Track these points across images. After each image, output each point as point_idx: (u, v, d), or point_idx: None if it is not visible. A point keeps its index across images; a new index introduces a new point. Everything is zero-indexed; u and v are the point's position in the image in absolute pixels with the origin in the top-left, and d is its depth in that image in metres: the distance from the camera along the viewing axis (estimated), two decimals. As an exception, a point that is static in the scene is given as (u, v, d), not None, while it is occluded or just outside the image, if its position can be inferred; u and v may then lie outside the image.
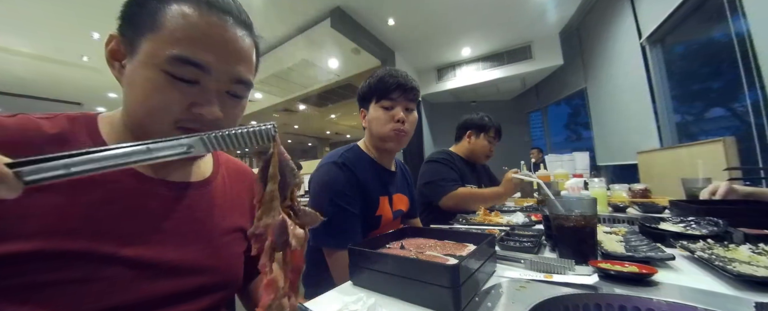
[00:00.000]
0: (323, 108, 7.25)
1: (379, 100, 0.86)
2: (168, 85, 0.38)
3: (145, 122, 0.40)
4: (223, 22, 0.40)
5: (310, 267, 0.86)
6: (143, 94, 0.39)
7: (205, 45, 0.39)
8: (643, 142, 2.96)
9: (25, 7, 3.11)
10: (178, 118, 0.40)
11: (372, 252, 0.49)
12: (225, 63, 0.41)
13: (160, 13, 0.38)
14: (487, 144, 1.52)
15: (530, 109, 6.22)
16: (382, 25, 4.02)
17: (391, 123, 0.85)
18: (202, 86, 0.40)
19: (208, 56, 0.39)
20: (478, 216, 1.11)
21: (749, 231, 0.62)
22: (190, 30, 0.38)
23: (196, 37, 0.38)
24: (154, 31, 0.38)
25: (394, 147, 0.89)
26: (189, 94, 0.40)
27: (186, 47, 0.38)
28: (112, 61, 0.41)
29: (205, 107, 0.40)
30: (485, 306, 0.41)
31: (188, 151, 0.26)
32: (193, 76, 0.39)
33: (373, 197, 0.84)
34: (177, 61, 0.38)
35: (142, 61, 0.38)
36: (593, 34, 3.91)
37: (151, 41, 0.38)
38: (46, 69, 4.44)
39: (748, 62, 1.82)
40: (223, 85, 0.42)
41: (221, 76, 0.41)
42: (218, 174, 0.56)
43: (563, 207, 0.62)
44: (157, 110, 0.39)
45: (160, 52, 0.37)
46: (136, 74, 0.39)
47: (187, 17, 0.38)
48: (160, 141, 0.25)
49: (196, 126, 0.41)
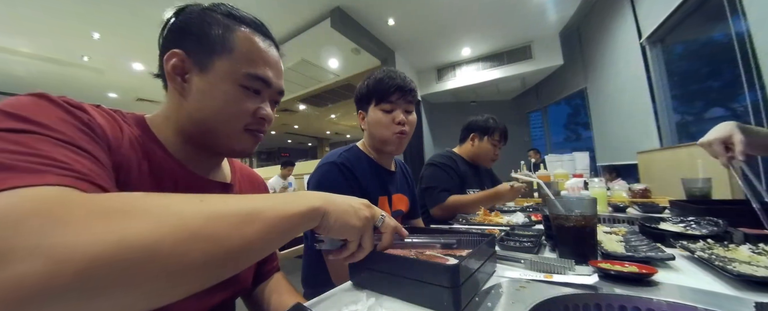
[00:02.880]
0: (323, 108, 7.25)
1: (379, 103, 0.85)
2: (243, 96, 0.47)
3: (219, 127, 0.48)
4: (271, 46, 0.51)
5: (310, 268, 0.86)
6: (223, 103, 0.46)
7: (266, 64, 0.49)
8: (643, 142, 2.96)
9: (25, 7, 3.11)
10: (248, 122, 0.49)
11: (372, 252, 0.49)
12: (277, 78, 0.51)
13: (231, 37, 0.46)
14: (492, 148, 1.46)
15: (530, 109, 6.23)
16: (382, 25, 4.02)
17: (391, 126, 0.85)
18: (263, 96, 0.50)
19: (269, 73, 0.49)
20: (478, 216, 1.11)
21: (749, 231, 0.62)
22: (257, 53, 0.48)
23: (261, 58, 0.48)
24: (229, 52, 0.46)
25: (395, 149, 0.88)
26: (256, 102, 0.49)
27: (256, 66, 0.48)
28: (174, 75, 0.46)
29: (266, 111, 0.51)
30: (485, 306, 0.41)
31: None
32: (259, 88, 0.49)
33: (372, 198, 0.84)
34: (251, 78, 0.47)
35: (219, 77, 0.46)
36: (593, 34, 3.92)
37: (228, 61, 0.46)
38: (46, 69, 4.44)
39: (748, 62, 1.82)
40: (272, 95, 0.52)
41: (274, 87, 0.51)
42: (235, 178, 0.61)
43: (563, 207, 0.62)
44: (235, 116, 0.47)
45: (238, 70, 0.46)
46: (214, 87, 0.46)
47: (254, 42, 0.48)
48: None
49: (257, 127, 0.51)
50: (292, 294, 0.65)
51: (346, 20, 3.68)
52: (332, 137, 12.53)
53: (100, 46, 3.97)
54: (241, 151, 0.52)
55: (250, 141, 0.51)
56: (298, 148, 14.67)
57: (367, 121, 0.89)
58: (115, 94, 5.78)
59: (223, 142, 0.49)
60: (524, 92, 6.14)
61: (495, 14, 3.88)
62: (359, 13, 3.74)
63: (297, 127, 9.97)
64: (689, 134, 2.70)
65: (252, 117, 0.49)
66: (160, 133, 0.48)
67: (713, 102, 2.54)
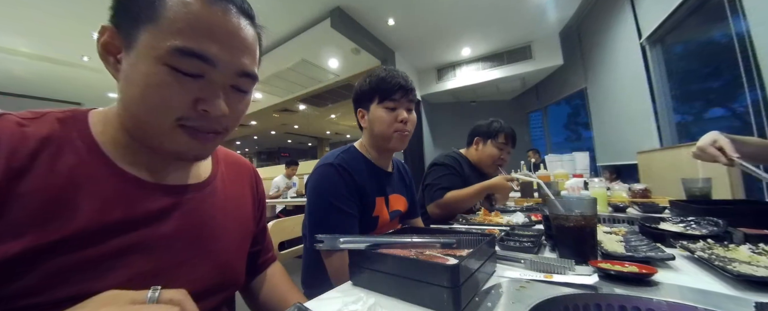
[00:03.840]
0: (323, 108, 7.25)
1: (382, 101, 0.86)
2: (170, 79, 0.36)
3: (144, 120, 0.38)
4: (226, 12, 0.38)
5: (310, 268, 0.86)
6: (143, 89, 0.36)
7: (209, 36, 0.36)
8: (643, 142, 2.96)
9: (25, 7, 3.11)
10: (181, 116, 0.38)
11: (372, 252, 0.49)
12: (230, 55, 0.38)
13: (160, 1, 0.35)
14: (497, 151, 1.39)
15: (530, 109, 6.23)
16: (382, 25, 4.02)
17: (395, 124, 0.85)
18: (207, 80, 0.38)
19: (213, 47, 0.36)
20: (478, 216, 1.11)
21: (749, 231, 0.62)
22: (192, 20, 0.35)
23: (200, 28, 0.36)
24: (154, 21, 0.35)
25: (397, 147, 0.89)
26: (193, 89, 0.37)
27: (189, 38, 0.35)
28: (106, 55, 0.38)
29: (211, 102, 0.38)
30: (485, 306, 0.41)
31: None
32: (198, 69, 0.36)
33: (369, 198, 0.84)
34: (180, 54, 0.35)
35: (140, 54, 0.35)
36: (593, 34, 3.92)
37: (151, 32, 0.35)
38: (46, 69, 4.44)
39: (748, 62, 1.82)
40: (228, 78, 0.39)
41: (227, 69, 0.38)
42: (218, 173, 0.54)
43: (563, 207, 0.62)
44: (159, 107, 0.36)
45: (160, 43, 0.35)
46: (134, 68, 0.36)
47: (188, 6, 0.35)
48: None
49: (200, 124, 0.39)
50: (289, 288, 0.64)
51: (346, 20, 3.68)
52: (332, 137, 12.53)
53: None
54: (174, 152, 0.40)
55: (187, 142, 0.39)
56: (298, 148, 14.66)
57: (368, 119, 0.89)
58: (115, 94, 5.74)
59: (151, 140, 0.40)
60: (524, 92, 6.14)
61: (495, 14, 3.88)
62: (359, 13, 3.74)
63: (297, 127, 9.97)
64: (689, 134, 2.70)
65: (189, 109, 0.37)
66: (105, 131, 0.41)
67: (713, 102, 2.54)
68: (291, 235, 1.01)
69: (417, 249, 0.56)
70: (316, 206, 0.78)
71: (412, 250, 0.56)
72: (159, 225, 0.42)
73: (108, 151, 0.40)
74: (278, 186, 4.42)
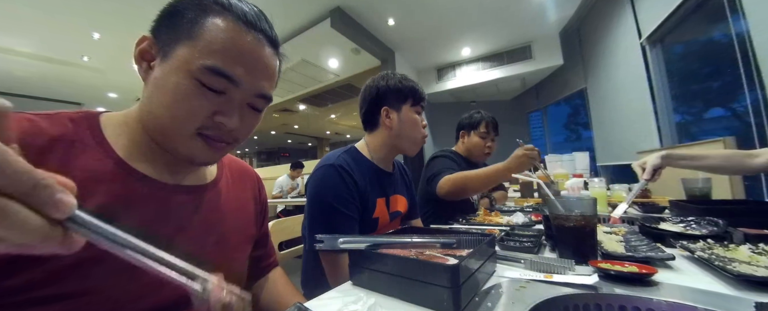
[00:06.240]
0: (323, 108, 7.25)
1: (415, 105, 0.90)
2: (197, 92, 0.40)
3: (167, 126, 0.41)
4: (257, 40, 0.43)
5: (310, 269, 0.86)
6: (172, 98, 0.40)
7: (239, 59, 0.41)
8: (643, 142, 2.96)
9: (25, 6, 3.11)
10: (201, 125, 0.41)
11: (372, 252, 0.49)
12: (253, 77, 0.43)
13: (201, 22, 0.40)
14: (481, 140, 1.45)
15: (530, 109, 6.22)
16: (382, 25, 4.02)
17: (421, 129, 0.91)
18: (228, 97, 0.42)
19: (239, 70, 0.41)
20: (478, 216, 1.11)
21: (749, 231, 0.62)
22: (228, 44, 0.40)
23: (232, 52, 0.40)
24: (192, 39, 0.39)
25: (415, 152, 0.93)
26: (214, 103, 0.41)
27: (221, 59, 0.40)
28: (141, 60, 0.42)
29: (227, 116, 0.42)
30: (485, 306, 0.41)
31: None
32: (222, 86, 0.41)
33: (370, 199, 0.84)
34: (210, 72, 0.39)
35: (174, 66, 0.39)
36: (593, 34, 3.91)
37: (187, 48, 0.39)
38: (46, 69, 4.44)
39: (748, 62, 1.82)
40: (247, 97, 0.44)
41: (247, 89, 0.43)
42: (222, 176, 0.56)
43: (563, 207, 0.62)
44: (183, 115, 0.40)
45: (195, 60, 0.39)
46: (166, 78, 0.40)
47: (226, 31, 0.40)
48: None
49: (215, 134, 0.43)
50: (290, 291, 0.65)
51: (346, 20, 3.68)
52: (332, 137, 12.53)
53: (100, 46, 3.97)
54: (187, 157, 0.43)
55: (201, 148, 0.43)
56: (298, 148, 14.66)
57: (399, 118, 0.88)
58: (115, 94, 5.78)
59: (169, 144, 0.43)
60: (524, 92, 6.14)
61: (495, 14, 3.88)
62: (359, 13, 3.74)
63: (297, 127, 9.97)
64: (689, 134, 2.70)
65: (208, 120, 0.41)
66: (121, 133, 0.43)
67: (713, 102, 2.54)
68: (291, 235, 1.01)
69: (417, 249, 0.56)
70: (316, 207, 0.78)
71: (412, 250, 0.56)
72: (184, 221, 0.45)
73: (122, 152, 0.43)
74: (281, 187, 4.42)
